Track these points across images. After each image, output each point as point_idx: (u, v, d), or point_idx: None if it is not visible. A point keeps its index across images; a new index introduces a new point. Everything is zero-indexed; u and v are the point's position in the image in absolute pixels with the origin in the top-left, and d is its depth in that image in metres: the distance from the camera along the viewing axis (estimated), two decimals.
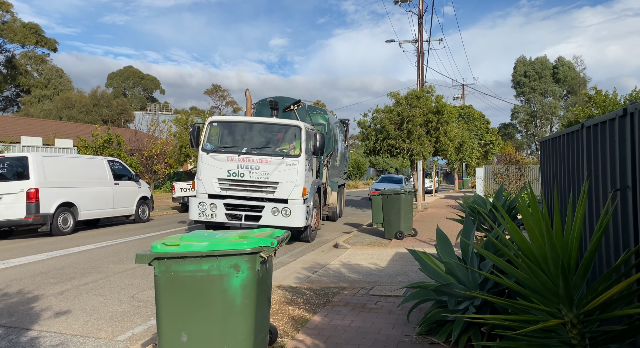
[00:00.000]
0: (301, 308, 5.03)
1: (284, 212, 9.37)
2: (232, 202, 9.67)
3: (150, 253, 2.63)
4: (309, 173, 10.14)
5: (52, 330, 4.64)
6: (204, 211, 9.68)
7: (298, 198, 9.49)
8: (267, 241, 2.73)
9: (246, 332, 2.59)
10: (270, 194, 9.60)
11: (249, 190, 9.64)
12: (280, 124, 10.31)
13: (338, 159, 14.35)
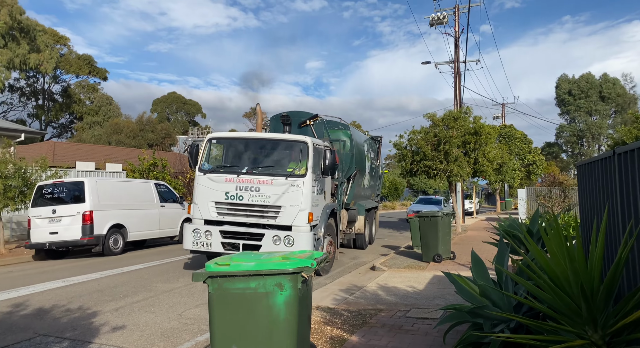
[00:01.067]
0: (339, 328, 5.21)
1: (287, 241, 8.13)
2: (230, 229, 8.49)
3: (205, 272, 2.95)
4: (319, 195, 8.99)
5: (110, 344, 5.05)
6: (199, 239, 8.52)
7: (303, 224, 8.29)
8: (308, 262, 2.99)
9: (290, 345, 2.83)
10: (272, 220, 8.41)
11: (249, 215, 8.50)
12: (285, 140, 9.19)
13: (366, 180, 13.13)
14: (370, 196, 14.32)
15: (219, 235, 8.47)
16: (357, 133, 12.83)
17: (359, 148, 12.14)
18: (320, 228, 8.76)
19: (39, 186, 12.06)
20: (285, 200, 8.40)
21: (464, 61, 22.73)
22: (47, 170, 13.06)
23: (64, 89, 55.35)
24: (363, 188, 12.85)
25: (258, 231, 8.39)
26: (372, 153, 14.04)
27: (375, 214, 15.06)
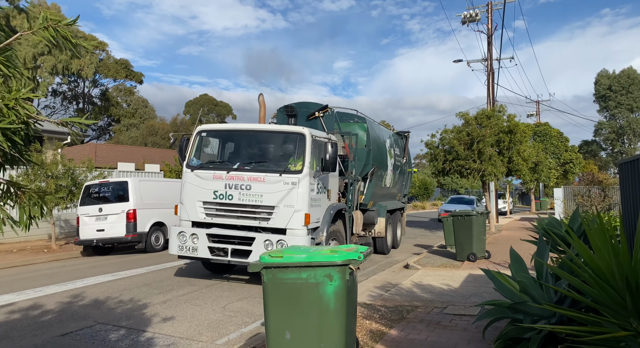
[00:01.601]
0: (377, 322, 5.36)
1: (279, 246, 7.09)
2: (218, 232, 7.54)
3: (260, 263, 3.18)
4: (321, 194, 7.97)
5: (162, 333, 5.40)
6: (184, 243, 7.63)
7: (299, 227, 7.24)
8: (355, 255, 3.17)
9: (339, 332, 3.02)
10: (265, 222, 7.40)
11: (240, 217, 7.52)
12: (280, 131, 8.26)
13: (388, 178, 12.01)
14: (394, 196, 13.31)
15: (206, 239, 7.52)
16: (376, 126, 11.68)
17: (379, 143, 11.20)
18: (322, 231, 7.76)
19: (87, 185, 12.74)
20: (279, 200, 7.36)
21: (498, 58, 22.31)
22: (92, 171, 13.79)
23: (103, 93, 57.67)
24: (384, 187, 11.88)
25: (249, 234, 7.39)
26: (396, 149, 12.91)
27: (401, 215, 13.92)
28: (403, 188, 14.22)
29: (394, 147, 12.68)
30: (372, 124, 11.19)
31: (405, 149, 14.20)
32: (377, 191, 11.15)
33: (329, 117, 10.14)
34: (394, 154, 12.49)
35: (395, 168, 12.58)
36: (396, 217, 13.14)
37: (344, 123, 10.49)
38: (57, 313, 6.15)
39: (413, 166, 17.81)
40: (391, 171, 12.19)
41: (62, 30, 1.94)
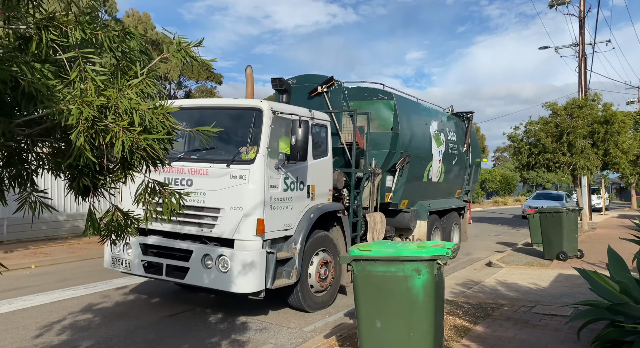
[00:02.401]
0: (461, 318, 5.36)
1: (221, 264, 5.19)
2: (154, 242, 5.81)
3: (350, 255, 3.40)
4: (294, 192, 5.84)
5: (255, 318, 5.86)
6: (117, 254, 5.98)
7: (248, 237, 5.20)
8: (443, 251, 3.26)
9: (427, 324, 3.15)
10: (208, 230, 5.43)
11: (181, 221, 5.64)
12: (231, 107, 6.06)
13: (435, 171, 9.42)
14: (448, 192, 10.62)
15: (139, 250, 5.81)
16: (411, 105, 9.01)
17: (415, 126, 8.70)
18: (295, 241, 5.71)
19: None
20: (225, 199, 5.36)
21: (592, 43, 20.42)
22: None
23: (187, 94, 61.90)
24: (428, 182, 9.25)
25: (187, 246, 5.51)
26: (450, 135, 10.30)
27: (460, 217, 11.23)
28: (464, 183, 11.28)
29: (445, 131, 10.03)
30: (404, 101, 8.64)
31: (467, 134, 11.19)
32: (414, 187, 8.78)
33: (335, 92, 7.86)
34: (444, 140, 9.84)
35: (447, 158, 9.97)
36: (450, 219, 10.59)
37: (364, 101, 8.12)
38: (164, 297, 6.90)
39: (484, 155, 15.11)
40: (439, 161, 9.62)
41: (189, 51, 2.29)
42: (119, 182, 2.25)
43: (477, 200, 40.70)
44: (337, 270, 6.53)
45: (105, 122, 1.83)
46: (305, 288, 5.90)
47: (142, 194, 2.23)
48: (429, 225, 9.11)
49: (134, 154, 1.96)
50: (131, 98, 1.89)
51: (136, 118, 1.87)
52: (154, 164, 2.09)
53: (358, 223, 7.36)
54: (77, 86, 1.81)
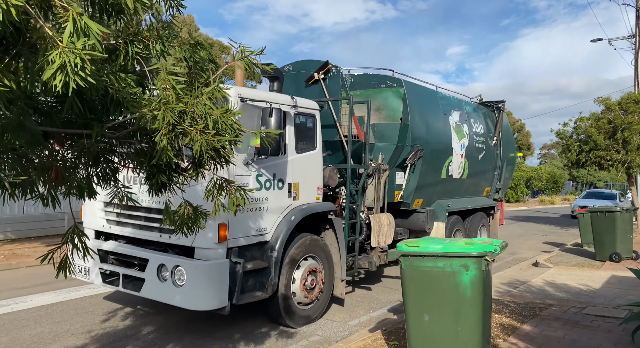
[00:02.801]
0: (507, 317, 5.33)
1: (177, 276, 4.53)
2: (111, 248, 5.26)
3: (398, 251, 3.51)
4: (269, 191, 5.10)
5: None
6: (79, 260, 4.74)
7: (209, 245, 4.54)
8: (491, 247, 3.31)
9: (475, 319, 3.21)
10: (167, 236, 4.82)
11: (143, 226, 5.05)
12: None
13: (455, 166, 8.40)
14: (474, 190, 9.42)
15: (97, 257, 5.23)
16: (426, 93, 8.09)
17: (430, 116, 7.81)
18: (271, 249, 4.98)
19: None
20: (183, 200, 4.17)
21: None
22: None
23: None
24: (447, 179, 8.25)
25: (143, 254, 4.88)
26: (476, 126, 9.14)
27: (489, 218, 9.98)
28: (494, 180, 10.00)
29: (469, 123, 8.91)
30: (416, 89, 7.71)
31: (497, 126, 9.92)
32: (429, 185, 7.83)
33: (334, 79, 7.03)
34: (468, 132, 8.73)
35: (472, 152, 8.86)
36: (476, 221, 9.32)
37: (371, 90, 7.34)
38: None
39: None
40: (461, 155, 8.56)
41: (252, 59, 2.49)
42: (191, 179, 2.48)
43: (521, 199, 39.33)
44: (328, 280, 5.69)
45: (183, 126, 2.05)
46: (286, 300, 5.09)
47: (211, 190, 2.45)
48: (448, 227, 8.09)
49: (204, 154, 2.17)
50: (205, 104, 2.10)
51: (210, 122, 2.08)
52: (220, 163, 2.30)
53: (357, 225, 6.47)
54: (160, 93, 2.04)
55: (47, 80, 1.30)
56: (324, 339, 5.02)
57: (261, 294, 4.78)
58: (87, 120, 2.10)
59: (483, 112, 9.76)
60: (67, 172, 1.93)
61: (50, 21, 1.34)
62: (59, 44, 1.29)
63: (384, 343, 4.56)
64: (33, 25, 1.33)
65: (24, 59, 1.44)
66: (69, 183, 1.95)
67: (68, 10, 1.33)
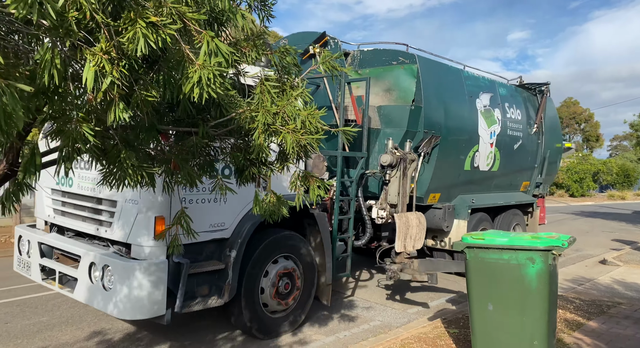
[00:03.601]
0: (572, 313, 5.27)
1: (107, 278, 3.89)
2: (50, 241, 4.59)
3: (463, 242, 3.64)
4: (233, 178, 3.32)
5: (360, 297, 6.32)
6: (22, 255, 4.88)
7: (144, 242, 3.85)
8: (559, 242, 3.35)
9: (541, 310, 3.29)
10: (105, 229, 4.14)
11: (82, 217, 4.40)
12: None
13: (482, 157, 7.33)
14: (510, 184, 8.37)
15: (38, 251, 4.65)
16: (447, 71, 7.07)
17: (450, 99, 6.83)
18: (228, 248, 4.29)
19: None
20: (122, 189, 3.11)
21: None
22: None
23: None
24: (473, 171, 7.24)
25: (76, 249, 4.22)
26: (512, 111, 8.03)
27: (528, 217, 8.84)
28: (533, 173, 8.80)
29: (503, 107, 7.81)
30: (433, 66, 6.77)
31: (539, 112, 8.70)
32: (448, 177, 6.91)
33: (331, 52, 5.86)
34: (501, 118, 7.67)
35: (505, 141, 7.80)
36: (509, 219, 8.20)
37: (380, 67, 6.49)
38: None
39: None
40: (491, 144, 7.51)
41: (332, 62, 2.72)
42: (277, 171, 2.77)
43: (587, 194, 37.05)
44: (308, 283, 4.95)
45: (276, 126, 2.32)
46: (254, 306, 4.41)
47: (294, 181, 2.73)
48: (471, 226, 7.12)
49: (293, 150, 2.43)
50: (295, 106, 2.36)
51: (298, 122, 2.34)
52: (301, 157, 2.56)
53: (350, 221, 5.71)
54: (258, 97, 2.32)
55: (187, 92, 1.60)
56: (384, 324, 5.24)
57: (217, 300, 4.08)
58: (194, 119, 2.43)
59: (523, 96, 8.56)
60: (181, 164, 2.27)
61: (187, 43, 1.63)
62: (196, 62, 1.58)
63: (444, 331, 4.71)
64: (173, 47, 1.63)
65: (162, 73, 1.75)
66: (182, 172, 2.28)
67: (201, 33, 1.62)
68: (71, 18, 1.32)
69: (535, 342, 3.30)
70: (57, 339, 4.54)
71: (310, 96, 2.63)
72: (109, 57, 1.42)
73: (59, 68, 1.37)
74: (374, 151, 6.19)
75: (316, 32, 6.37)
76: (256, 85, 2.34)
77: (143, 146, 2.21)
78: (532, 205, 8.77)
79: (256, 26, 2.64)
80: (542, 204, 9.35)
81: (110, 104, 1.53)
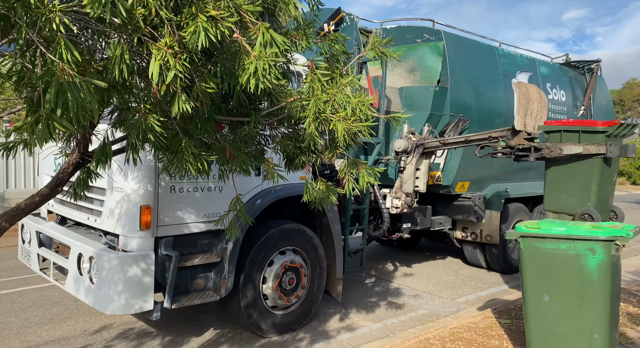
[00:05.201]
0: (635, 306, 5.00)
1: (94, 270, 3.63)
2: (47, 230, 4.38)
3: (517, 232, 3.53)
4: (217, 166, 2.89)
5: (406, 285, 6.30)
6: (24, 244, 4.74)
7: (130, 233, 3.65)
8: (623, 232, 3.18)
9: (603, 302, 3.15)
10: (94, 218, 3.97)
11: (77, 205, 4.22)
12: None
13: None
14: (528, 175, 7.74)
15: (36, 241, 4.49)
16: (477, 48, 6.59)
17: (481, 79, 6.37)
18: (225, 241, 3.98)
19: None
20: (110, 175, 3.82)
21: None
22: None
23: None
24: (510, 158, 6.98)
25: (67, 239, 4.04)
26: (555, 92, 7.41)
27: None
28: None
29: (545, 87, 7.24)
30: (462, 43, 6.33)
31: (588, 92, 8.05)
32: (479, 164, 6.31)
33: (346, 31, 5.68)
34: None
35: None
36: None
37: (404, 46, 6.10)
38: None
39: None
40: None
41: (382, 48, 2.69)
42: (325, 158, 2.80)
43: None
44: (316, 279, 4.66)
45: (327, 114, 2.34)
46: (254, 301, 4.18)
47: (344, 169, 2.75)
48: (506, 217, 6.66)
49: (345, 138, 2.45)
50: (345, 93, 2.37)
51: (349, 110, 2.35)
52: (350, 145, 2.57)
53: (363, 212, 5.44)
54: (309, 85, 2.35)
55: (243, 83, 1.65)
56: (432, 313, 5.20)
57: (212, 295, 3.90)
58: (246, 109, 2.50)
59: (569, 75, 7.92)
60: (236, 152, 2.35)
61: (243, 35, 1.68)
62: (252, 54, 1.63)
63: (495, 321, 4.61)
64: (229, 39, 1.68)
65: (219, 65, 1.82)
66: (236, 161, 2.37)
67: (256, 25, 1.66)
68: (138, 15, 1.41)
69: (595, 335, 3.16)
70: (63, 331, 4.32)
71: (360, 84, 2.63)
72: (173, 51, 1.49)
73: (128, 63, 1.46)
74: (394, 137, 5.80)
75: (331, 9, 5.88)
76: (306, 74, 2.37)
77: (200, 136, 2.31)
78: None
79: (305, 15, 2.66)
80: None
81: (173, 96, 1.61)
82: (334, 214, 4.81)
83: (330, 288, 4.96)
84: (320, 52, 2.63)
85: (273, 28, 2.50)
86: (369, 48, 2.70)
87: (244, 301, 4.09)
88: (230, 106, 2.52)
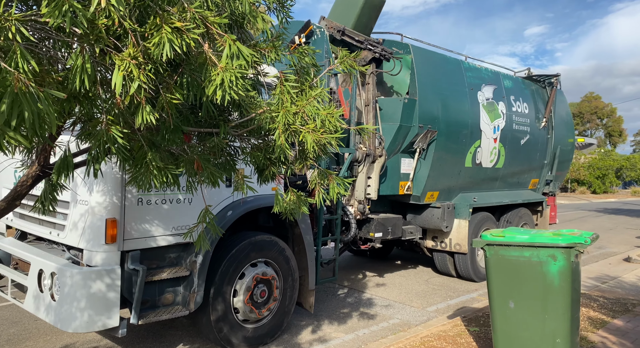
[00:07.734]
0: (596, 311, 5.18)
1: (56, 286, 3.44)
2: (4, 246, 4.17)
3: (483, 240, 3.62)
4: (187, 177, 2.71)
5: (379, 295, 6.32)
6: None
7: (95, 247, 3.47)
8: (581, 239, 3.30)
9: (564, 307, 3.25)
10: (57, 233, 3.77)
11: (35, 218, 4.02)
12: None
13: (485, 153, 7.10)
14: (517, 182, 8.08)
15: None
16: (444, 62, 6.82)
17: (449, 91, 6.59)
18: (194, 253, 3.88)
19: None
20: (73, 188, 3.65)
21: None
22: None
23: None
24: (477, 168, 7.02)
25: (26, 255, 3.83)
26: (518, 105, 7.70)
27: (536, 216, 8.52)
28: (543, 170, 8.50)
29: (509, 100, 7.50)
30: (428, 57, 6.51)
31: (549, 105, 8.37)
32: (448, 174, 6.65)
33: (317, 43, 5.74)
34: (506, 112, 7.37)
35: (511, 136, 7.49)
36: (516, 219, 7.85)
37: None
38: None
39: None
40: (495, 140, 7.20)
41: (350, 62, 2.74)
42: (295, 169, 2.81)
43: (610, 190, 36.20)
44: (288, 291, 4.57)
45: (296, 125, 2.36)
46: (224, 315, 4.07)
47: (314, 179, 2.76)
48: (473, 226, 6.80)
49: (314, 149, 2.46)
50: (314, 105, 2.39)
51: (318, 122, 2.36)
52: (320, 157, 2.59)
53: (335, 222, 5.44)
54: (278, 97, 2.36)
55: (210, 94, 1.64)
56: (403, 323, 5.24)
57: (181, 309, 3.79)
58: (216, 120, 2.48)
59: (531, 88, 8.24)
60: (204, 164, 2.32)
61: (210, 46, 1.67)
62: (218, 65, 1.62)
63: (465, 329, 4.69)
64: (196, 50, 1.68)
65: (186, 76, 1.80)
66: (204, 172, 2.34)
67: (222, 37, 1.66)
68: (101, 25, 1.38)
69: (557, 340, 3.26)
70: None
71: (329, 96, 2.67)
72: (137, 62, 1.47)
73: (89, 73, 1.43)
74: None
75: (301, 21, 6.01)
76: (276, 85, 2.38)
77: (167, 147, 2.27)
78: (542, 204, 8.44)
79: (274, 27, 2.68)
80: (553, 202, 9.00)
81: (137, 107, 1.59)
82: (306, 225, 4.75)
83: (303, 300, 4.91)
84: (289, 65, 2.65)
85: (242, 40, 2.52)
86: (338, 61, 2.75)
87: (214, 316, 3.98)
88: (199, 117, 2.50)
